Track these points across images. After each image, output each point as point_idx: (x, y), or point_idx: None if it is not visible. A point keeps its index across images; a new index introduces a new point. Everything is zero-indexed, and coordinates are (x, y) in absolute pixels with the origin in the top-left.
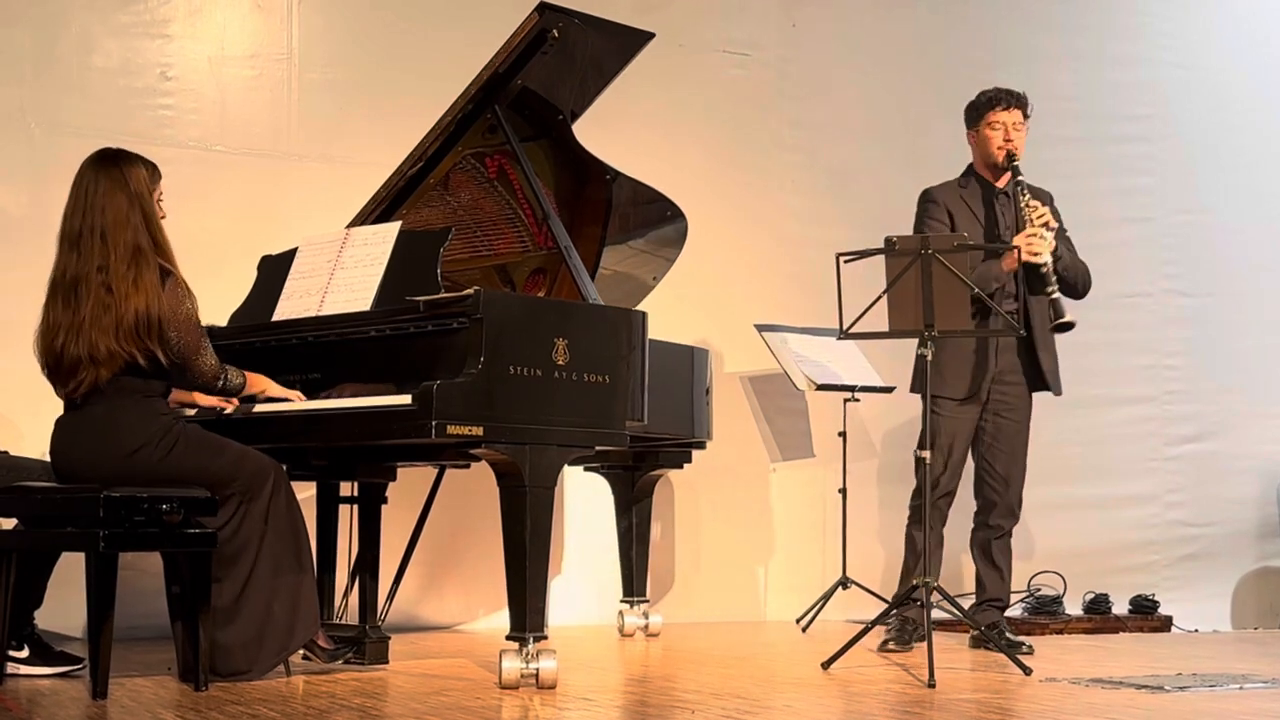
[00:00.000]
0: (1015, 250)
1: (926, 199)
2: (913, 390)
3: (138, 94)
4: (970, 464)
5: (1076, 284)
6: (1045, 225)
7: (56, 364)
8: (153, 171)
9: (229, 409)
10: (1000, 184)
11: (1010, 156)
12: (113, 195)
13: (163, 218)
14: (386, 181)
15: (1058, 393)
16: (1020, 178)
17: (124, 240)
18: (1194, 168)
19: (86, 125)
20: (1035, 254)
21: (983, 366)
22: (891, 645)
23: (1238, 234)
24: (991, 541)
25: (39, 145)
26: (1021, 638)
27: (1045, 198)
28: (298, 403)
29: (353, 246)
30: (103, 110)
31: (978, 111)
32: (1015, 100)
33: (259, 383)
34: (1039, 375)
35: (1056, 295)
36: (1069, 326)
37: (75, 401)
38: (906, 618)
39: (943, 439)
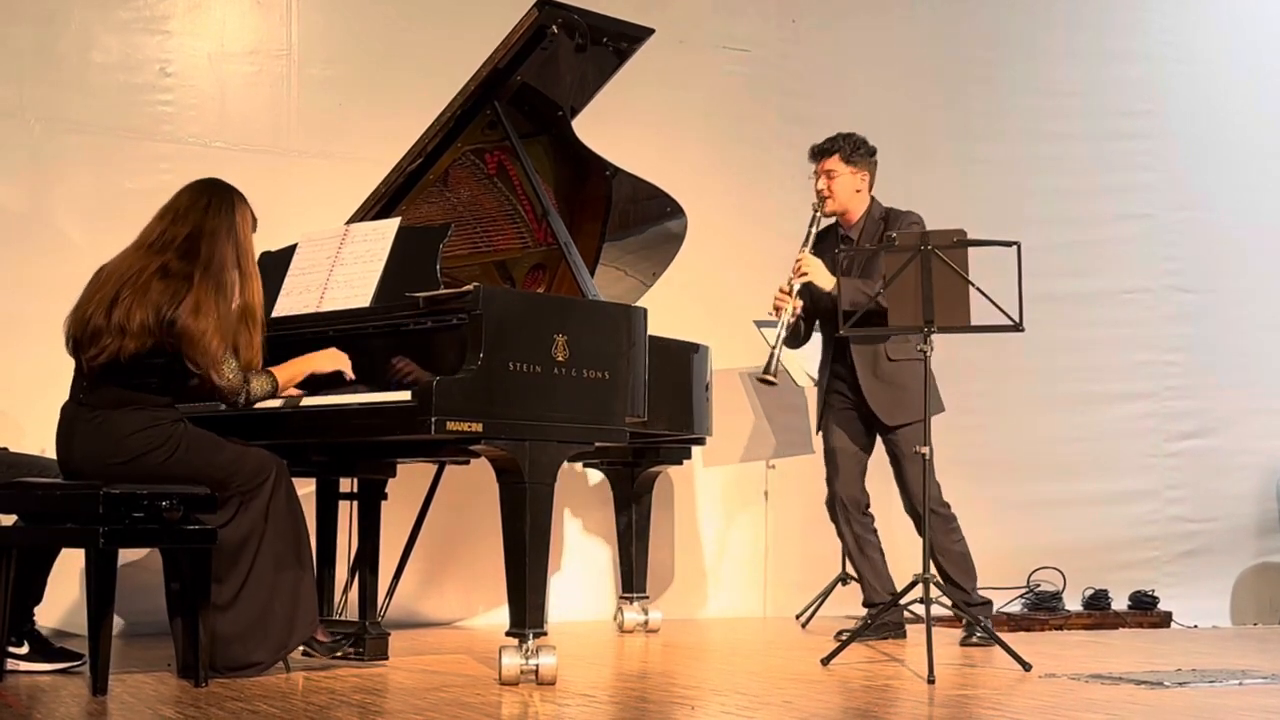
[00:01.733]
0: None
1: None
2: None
3: (137, 90)
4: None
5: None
6: (800, 281)
7: (82, 332)
8: (254, 219)
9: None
10: (846, 227)
11: (820, 204)
12: (219, 212)
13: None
14: (386, 178)
15: (894, 422)
16: (811, 229)
17: (204, 251)
18: (1194, 164)
19: (86, 121)
20: (774, 309)
21: (822, 380)
22: (845, 634)
23: (1238, 230)
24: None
25: (39, 141)
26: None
27: (899, 221)
28: (308, 397)
29: (352, 242)
30: (102, 106)
31: None
32: (812, 156)
33: (297, 370)
34: (869, 409)
35: (773, 355)
36: (767, 383)
37: (81, 397)
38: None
39: (829, 446)
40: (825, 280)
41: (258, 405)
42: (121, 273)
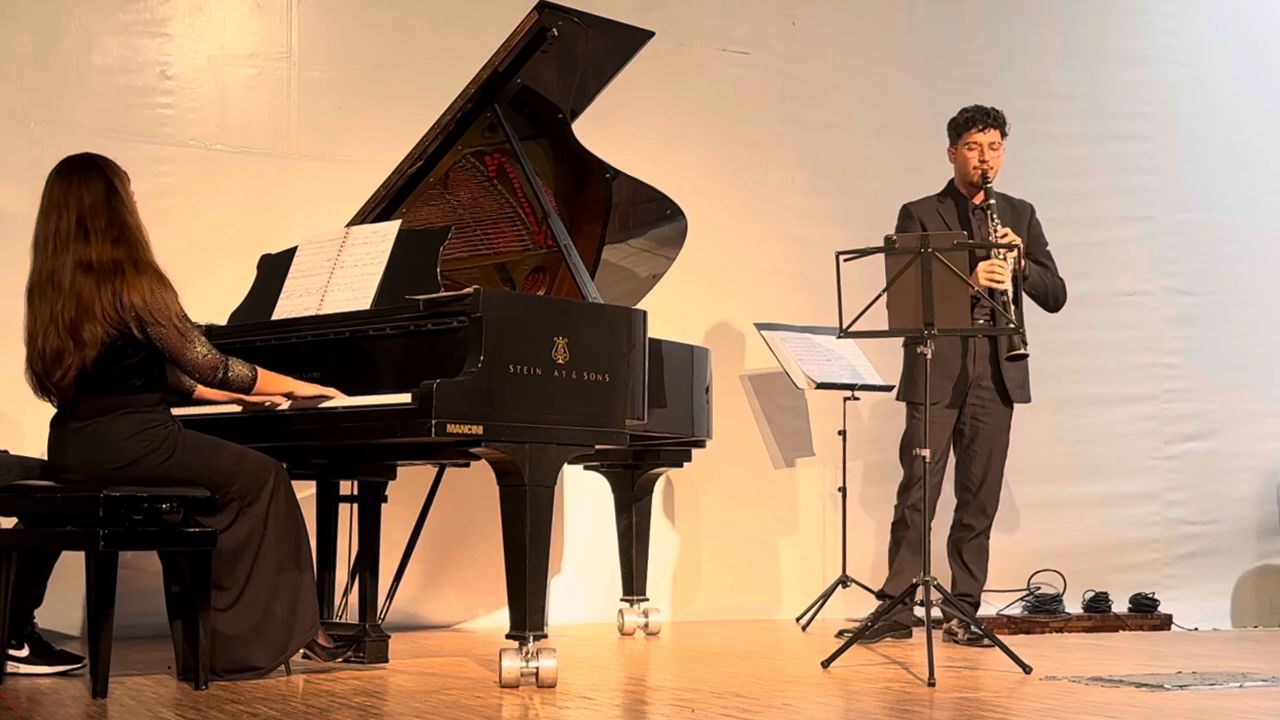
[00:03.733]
0: (977, 274)
1: (904, 214)
2: (899, 398)
3: (137, 93)
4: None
5: (1047, 299)
6: (1009, 249)
7: (42, 363)
8: (125, 173)
9: (283, 404)
10: (976, 200)
11: (984, 177)
12: (89, 184)
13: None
14: (386, 180)
15: (1020, 401)
16: (991, 201)
17: (103, 222)
18: (1194, 166)
19: (86, 124)
20: (997, 281)
21: (962, 374)
22: (845, 634)
23: (1238, 232)
24: (964, 541)
25: (39, 143)
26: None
27: (1026, 211)
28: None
29: (352, 245)
30: (102, 109)
31: (957, 130)
32: (992, 121)
33: (280, 383)
34: (1003, 386)
35: (1016, 326)
36: (1022, 358)
37: (67, 410)
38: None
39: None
40: (1020, 259)
41: (250, 398)
42: (45, 292)
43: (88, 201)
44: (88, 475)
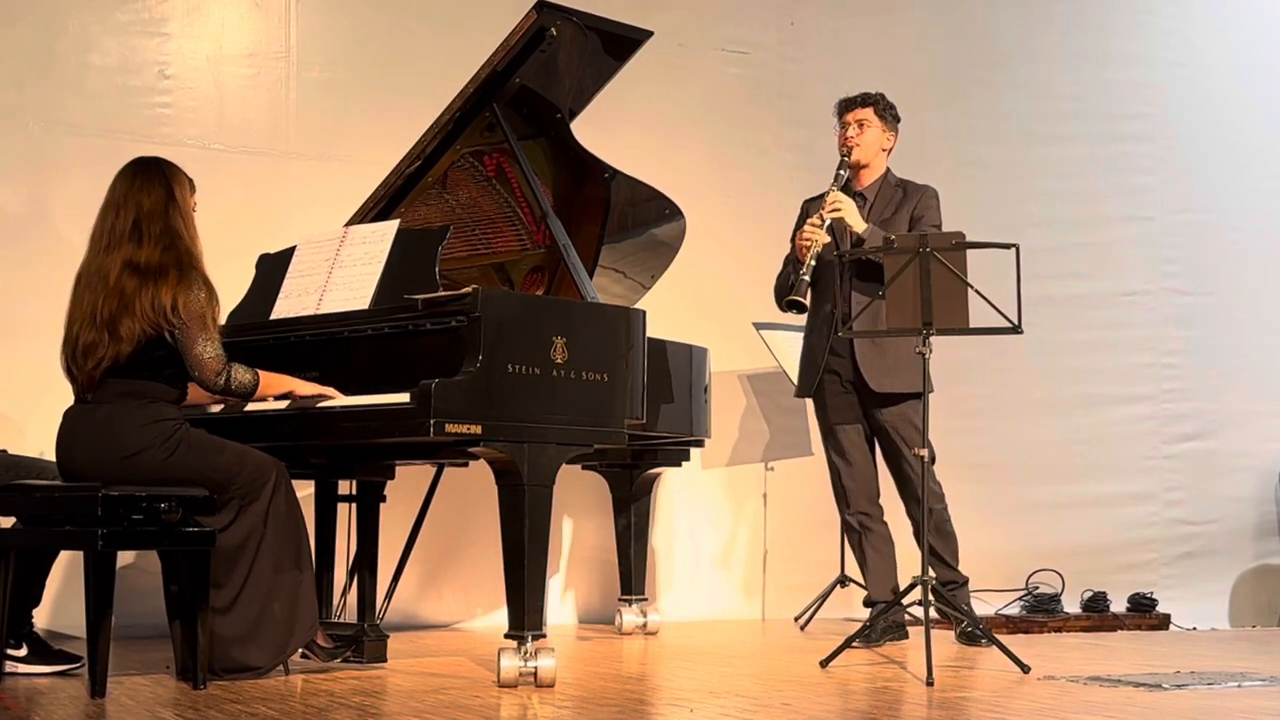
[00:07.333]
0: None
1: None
2: (798, 395)
3: (136, 92)
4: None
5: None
6: (831, 216)
7: (73, 351)
8: (190, 181)
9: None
10: (860, 185)
11: (847, 153)
12: (150, 189)
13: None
14: (385, 180)
15: (883, 388)
16: (841, 171)
17: (157, 229)
18: (1194, 166)
19: (85, 123)
20: (805, 243)
21: (812, 370)
22: (856, 643)
23: (1237, 233)
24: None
25: (38, 143)
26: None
27: (916, 193)
28: (336, 399)
29: (351, 245)
30: (101, 108)
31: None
32: (845, 106)
33: (281, 383)
34: (859, 375)
35: (803, 279)
36: (795, 305)
37: (86, 398)
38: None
39: (831, 429)
40: (856, 221)
41: (250, 407)
42: (92, 284)
43: (146, 206)
44: (90, 464)
